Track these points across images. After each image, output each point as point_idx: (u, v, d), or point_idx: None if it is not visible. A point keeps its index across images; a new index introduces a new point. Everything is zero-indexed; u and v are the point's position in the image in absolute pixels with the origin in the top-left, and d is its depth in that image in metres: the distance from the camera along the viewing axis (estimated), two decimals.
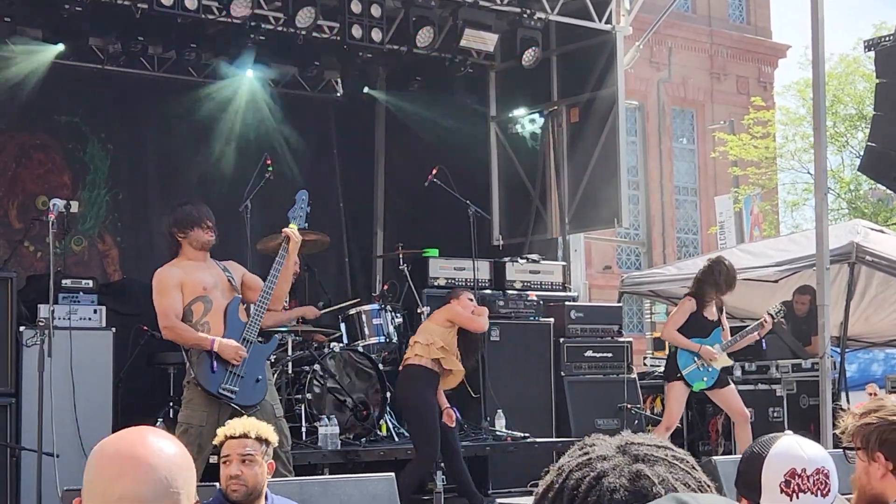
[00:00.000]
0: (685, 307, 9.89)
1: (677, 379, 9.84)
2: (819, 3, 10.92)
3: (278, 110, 13.56)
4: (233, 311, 7.42)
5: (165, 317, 7.29)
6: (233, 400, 7.20)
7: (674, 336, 9.83)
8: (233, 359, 7.18)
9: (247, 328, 7.38)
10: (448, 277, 11.53)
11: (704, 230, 33.12)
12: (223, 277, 7.46)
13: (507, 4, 12.12)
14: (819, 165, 11.18)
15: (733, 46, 35.31)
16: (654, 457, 1.71)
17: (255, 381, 7.32)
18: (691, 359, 9.78)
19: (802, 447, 3.11)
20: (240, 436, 5.46)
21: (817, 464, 3.06)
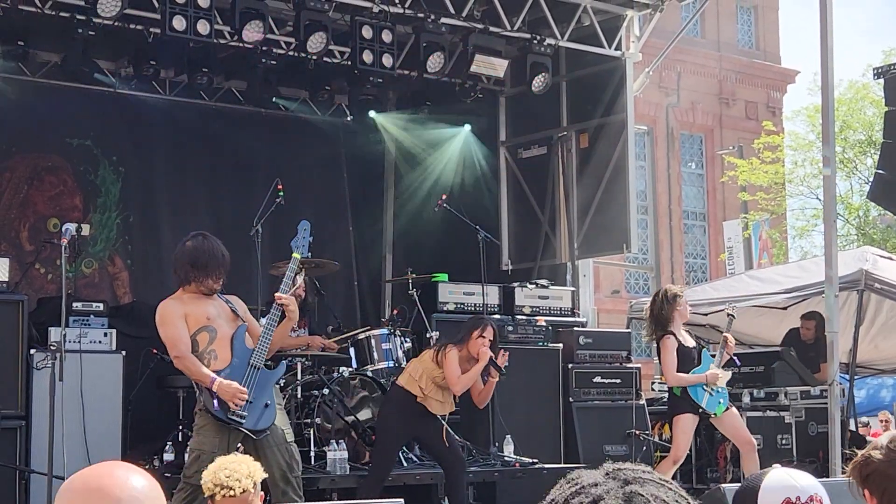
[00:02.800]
0: (668, 346, 9.75)
1: (687, 412, 9.77)
2: (828, 29, 10.95)
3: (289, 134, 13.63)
4: (240, 337, 7.41)
5: (175, 347, 7.28)
6: (242, 425, 7.19)
7: (679, 378, 9.75)
8: (231, 401, 7.15)
9: (254, 354, 7.37)
10: (457, 302, 11.55)
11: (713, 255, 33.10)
12: (226, 308, 7.45)
13: (518, 30, 12.18)
14: (829, 193, 11.19)
15: (742, 71, 35.35)
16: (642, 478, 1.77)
17: (264, 406, 7.31)
18: (701, 390, 9.74)
19: (794, 477, 3.17)
20: (241, 493, 5.27)
21: (810, 491, 3.11)
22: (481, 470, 9.96)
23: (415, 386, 8.74)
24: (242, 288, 8.56)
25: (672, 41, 13.87)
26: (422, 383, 8.74)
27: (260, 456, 7.34)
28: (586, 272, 13.38)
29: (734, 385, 12.36)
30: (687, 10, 22.01)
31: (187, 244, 7.49)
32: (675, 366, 9.71)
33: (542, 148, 13.50)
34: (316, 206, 13.72)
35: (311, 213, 13.20)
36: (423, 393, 8.70)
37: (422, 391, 8.71)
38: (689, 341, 9.95)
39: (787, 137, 29.04)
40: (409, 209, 14.02)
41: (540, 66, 12.27)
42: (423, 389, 8.71)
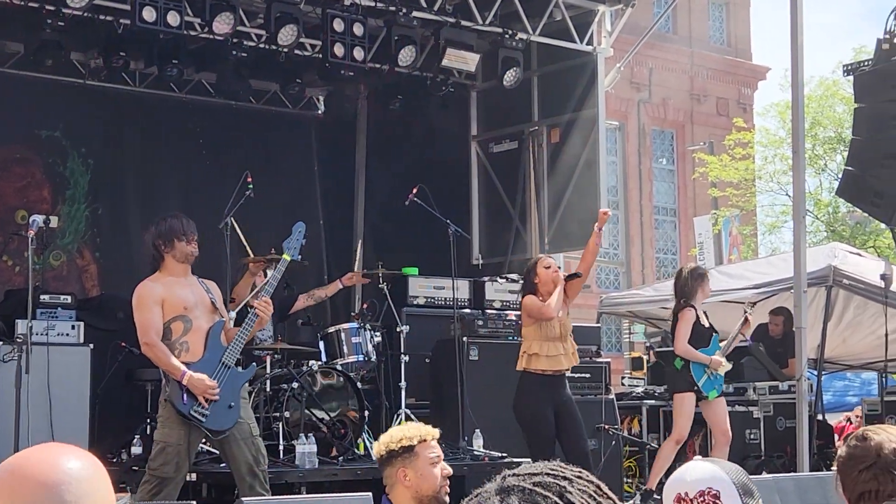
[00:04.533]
0: (687, 317, 9.88)
1: (687, 390, 9.85)
2: (799, 27, 10.99)
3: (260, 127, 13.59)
4: (216, 333, 7.37)
5: (145, 333, 7.22)
6: (203, 423, 7.16)
7: (688, 350, 9.85)
8: (201, 395, 7.12)
9: (227, 353, 7.33)
10: (427, 296, 11.56)
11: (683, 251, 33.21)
12: (205, 298, 7.40)
13: (489, 25, 12.18)
14: (797, 189, 11.24)
15: (714, 68, 35.49)
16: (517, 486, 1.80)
17: (228, 406, 7.26)
18: (702, 370, 9.83)
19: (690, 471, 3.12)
20: (434, 437, 5.17)
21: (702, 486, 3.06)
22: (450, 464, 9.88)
23: (527, 360, 8.87)
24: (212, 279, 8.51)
25: (643, 37, 13.89)
26: (533, 350, 8.84)
27: (226, 450, 7.33)
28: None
29: None
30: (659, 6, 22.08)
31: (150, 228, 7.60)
32: (687, 337, 9.85)
33: (513, 142, 13.51)
34: (286, 199, 13.68)
35: (282, 207, 13.22)
36: (538, 355, 8.80)
37: (536, 357, 8.81)
38: (705, 321, 10.05)
39: (758, 134, 29.15)
40: (381, 202, 14.00)
41: (511, 60, 12.28)
42: (536, 355, 8.81)
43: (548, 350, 8.85)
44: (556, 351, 8.87)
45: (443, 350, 10.92)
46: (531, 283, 9.03)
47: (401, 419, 10.43)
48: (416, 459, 4.89)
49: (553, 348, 8.86)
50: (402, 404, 10.51)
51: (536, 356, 8.83)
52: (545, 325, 8.86)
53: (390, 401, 10.72)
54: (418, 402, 10.89)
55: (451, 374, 10.56)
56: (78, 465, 1.75)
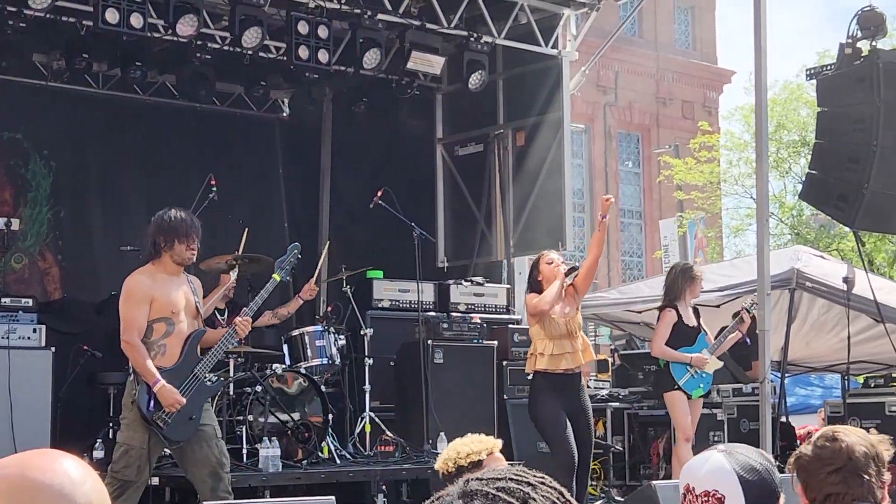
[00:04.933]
0: (667, 319, 9.92)
1: (674, 389, 9.89)
2: (762, 31, 11.04)
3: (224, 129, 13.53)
4: (194, 342, 7.33)
5: (128, 330, 7.13)
6: (162, 431, 7.14)
7: (664, 350, 9.88)
8: (168, 407, 7.09)
9: (200, 364, 7.31)
10: (392, 299, 11.54)
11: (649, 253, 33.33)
12: (192, 302, 7.35)
13: (455, 28, 12.17)
14: (761, 192, 11.29)
15: (679, 71, 35.64)
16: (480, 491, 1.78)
17: (189, 418, 7.23)
18: (684, 369, 9.84)
19: (704, 464, 3.05)
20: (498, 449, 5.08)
21: (707, 486, 3.00)
22: (414, 467, 9.94)
23: (537, 360, 8.72)
24: None
25: (608, 41, 13.92)
26: (537, 350, 8.70)
27: (188, 453, 7.29)
28: (522, 270, 13.38)
29: None
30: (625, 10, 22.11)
31: (155, 216, 7.40)
32: (665, 338, 9.86)
33: (478, 145, 13.52)
34: (251, 202, 13.64)
35: (246, 209, 13.20)
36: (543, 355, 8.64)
37: (541, 356, 8.66)
38: (691, 320, 10.04)
39: (723, 137, 29.27)
40: (345, 205, 13.97)
41: (477, 63, 12.28)
42: (541, 355, 8.66)
43: (552, 349, 8.68)
44: (561, 349, 8.69)
45: (407, 353, 10.91)
46: (535, 280, 8.89)
47: (365, 422, 10.43)
48: None
49: (557, 346, 8.69)
50: (366, 407, 10.50)
51: (541, 355, 8.70)
52: (549, 322, 8.70)
53: (354, 404, 10.70)
54: (383, 405, 10.88)
55: (415, 377, 10.56)
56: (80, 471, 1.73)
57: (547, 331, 8.69)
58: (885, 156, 10.08)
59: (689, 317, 10.05)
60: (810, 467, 3.38)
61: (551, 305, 8.65)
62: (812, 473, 3.37)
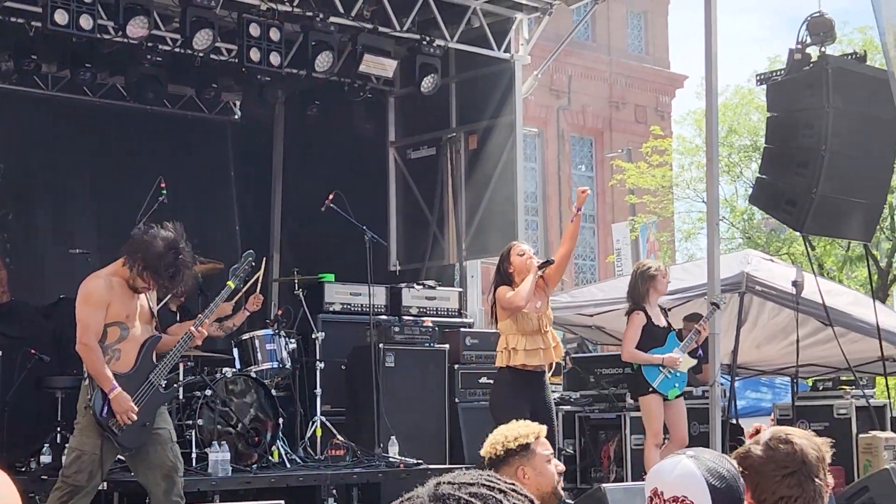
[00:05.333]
0: (635, 322, 9.84)
1: (649, 393, 9.87)
2: (713, 36, 11.11)
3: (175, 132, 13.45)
4: (150, 347, 7.28)
5: (85, 333, 7.05)
6: (116, 437, 7.09)
7: (633, 353, 9.84)
8: (120, 415, 7.03)
9: (155, 371, 7.27)
10: (344, 303, 11.52)
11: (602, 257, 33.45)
12: (146, 306, 7.30)
13: (407, 31, 12.17)
14: (711, 196, 11.36)
15: (632, 75, 35.80)
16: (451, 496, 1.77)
17: (143, 424, 7.19)
18: (657, 370, 9.81)
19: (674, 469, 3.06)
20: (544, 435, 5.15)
21: (676, 491, 3.00)
22: (365, 471, 9.93)
23: (506, 356, 8.42)
24: None
25: (560, 45, 13.96)
26: (509, 345, 8.40)
27: (141, 457, 7.24)
28: (474, 273, 13.41)
29: (618, 385, 12.51)
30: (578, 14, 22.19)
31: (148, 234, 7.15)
32: (635, 342, 9.80)
33: (431, 149, 13.51)
34: (202, 204, 13.57)
35: (197, 212, 13.11)
36: (516, 350, 8.35)
37: (514, 351, 8.36)
38: (661, 321, 9.99)
39: (675, 141, 29.41)
40: (297, 208, 13.93)
41: (429, 66, 12.28)
42: (514, 350, 8.36)
43: (525, 344, 8.39)
44: (535, 345, 8.42)
45: (359, 357, 10.89)
46: (505, 272, 8.52)
47: (315, 426, 10.39)
48: (534, 457, 4.96)
49: (531, 342, 8.40)
50: (317, 411, 10.48)
51: (514, 351, 8.39)
52: (522, 317, 8.40)
53: (305, 408, 10.68)
54: (334, 408, 10.85)
55: (366, 380, 10.53)
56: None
57: (519, 326, 8.40)
58: (834, 161, 10.17)
59: (658, 317, 9.99)
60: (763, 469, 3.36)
61: (528, 301, 8.34)
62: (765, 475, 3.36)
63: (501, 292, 8.42)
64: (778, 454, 3.36)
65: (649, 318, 9.86)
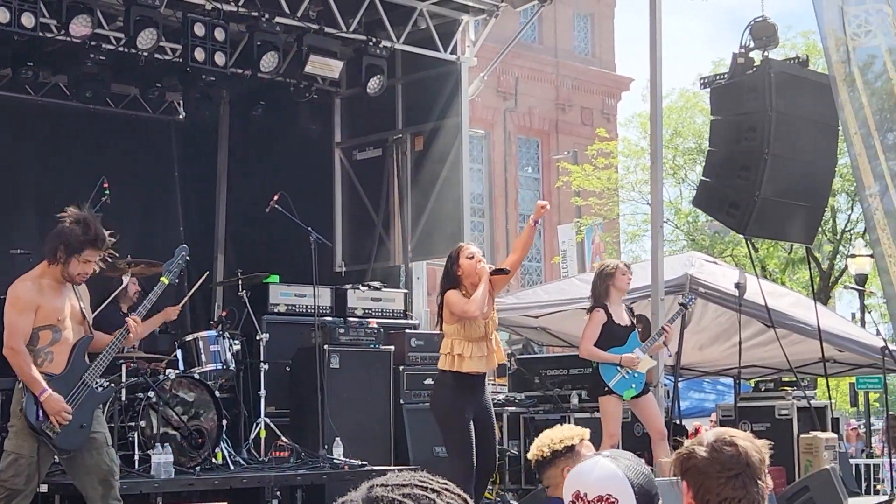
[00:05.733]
0: (593, 319, 9.76)
1: (606, 393, 9.80)
2: (658, 39, 11.20)
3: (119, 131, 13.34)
4: (81, 348, 7.22)
5: (13, 337, 7.00)
6: (52, 440, 7.02)
7: (591, 351, 9.75)
8: (54, 417, 6.96)
9: (89, 371, 7.21)
10: (288, 304, 11.47)
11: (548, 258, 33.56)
12: (77, 309, 7.23)
13: (353, 32, 12.15)
14: (655, 198, 11.44)
15: (578, 78, 35.95)
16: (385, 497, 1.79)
17: (80, 426, 7.12)
18: (614, 369, 9.73)
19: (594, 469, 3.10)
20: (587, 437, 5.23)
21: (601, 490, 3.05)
22: (309, 473, 9.89)
23: (450, 361, 8.29)
24: None
25: (506, 47, 13.99)
26: (455, 350, 8.25)
27: (78, 461, 7.18)
28: (420, 275, 13.40)
29: (562, 387, 12.56)
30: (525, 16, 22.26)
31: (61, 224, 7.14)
32: (593, 340, 9.73)
33: (376, 150, 13.49)
34: (145, 205, 13.48)
35: (141, 213, 13.04)
36: (462, 357, 8.22)
37: (460, 358, 8.23)
38: (623, 319, 9.90)
39: (621, 144, 29.58)
40: (242, 209, 13.87)
41: (375, 68, 12.26)
42: (460, 357, 8.23)
43: (471, 351, 8.27)
44: (481, 352, 8.30)
45: (303, 358, 10.86)
46: (454, 275, 8.32)
47: (260, 428, 10.35)
48: (578, 458, 4.92)
49: (477, 349, 8.28)
50: (261, 413, 10.43)
51: (460, 357, 8.26)
52: (470, 323, 8.26)
53: (249, 410, 10.63)
54: (278, 410, 10.81)
55: (311, 382, 10.50)
56: None
57: (467, 332, 8.28)
58: (776, 164, 10.27)
59: (621, 316, 9.90)
60: (707, 470, 3.37)
61: (481, 310, 8.21)
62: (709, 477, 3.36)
63: (452, 297, 8.26)
64: (723, 456, 3.38)
65: (610, 316, 9.79)
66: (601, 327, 9.77)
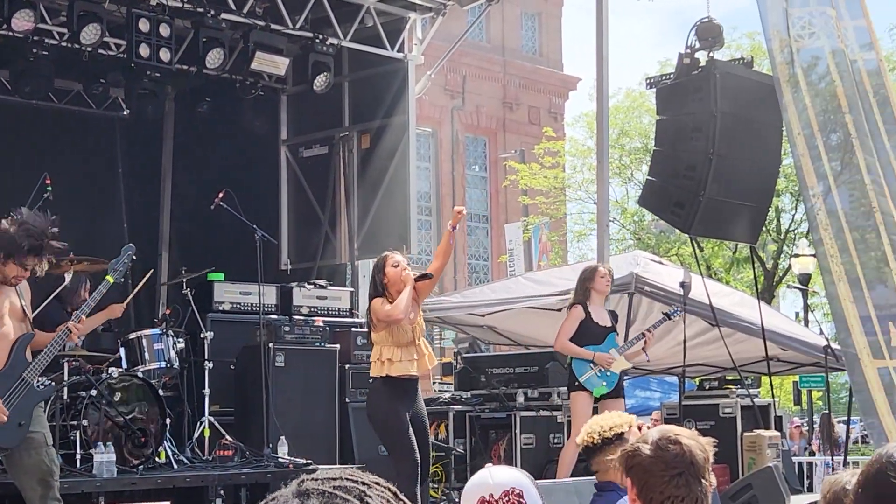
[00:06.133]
0: (573, 315, 9.93)
1: (577, 389, 9.89)
2: (604, 39, 11.24)
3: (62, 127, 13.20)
4: (22, 345, 7.13)
5: None
6: None
7: (565, 345, 9.88)
8: None
9: (29, 368, 7.13)
10: (233, 302, 11.41)
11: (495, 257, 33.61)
12: (17, 305, 7.14)
13: (300, 29, 12.11)
14: (602, 197, 11.49)
15: (526, 77, 36.04)
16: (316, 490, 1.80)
17: (18, 424, 7.04)
18: (587, 366, 9.83)
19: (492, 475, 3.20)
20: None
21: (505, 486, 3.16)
22: (254, 471, 9.84)
23: (380, 366, 8.40)
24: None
25: (454, 45, 13.99)
26: (384, 356, 8.38)
27: (16, 460, 7.10)
28: (366, 273, 13.32)
29: (509, 385, 12.57)
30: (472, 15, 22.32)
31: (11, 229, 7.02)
32: (569, 335, 9.87)
33: (323, 147, 13.46)
34: (88, 202, 13.32)
35: (84, 210, 12.89)
36: (392, 361, 8.34)
37: (389, 363, 8.35)
38: (603, 320, 10.04)
39: (568, 143, 29.67)
40: (187, 206, 13.77)
41: (322, 65, 12.23)
42: (389, 361, 8.35)
43: (400, 356, 8.42)
44: (409, 356, 8.45)
45: (248, 356, 10.81)
46: (380, 283, 8.50)
47: (204, 427, 10.29)
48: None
49: (406, 353, 8.43)
50: (205, 411, 10.37)
51: (390, 362, 8.39)
52: (396, 329, 8.40)
53: (193, 408, 10.57)
54: (222, 409, 10.75)
55: (256, 380, 10.45)
56: None
57: (395, 337, 8.42)
58: (721, 164, 10.33)
59: (602, 316, 10.06)
60: (652, 468, 3.40)
61: (405, 314, 8.35)
62: (653, 475, 3.40)
63: (377, 305, 8.41)
64: (667, 454, 3.41)
65: (589, 314, 9.94)
66: (579, 324, 9.93)
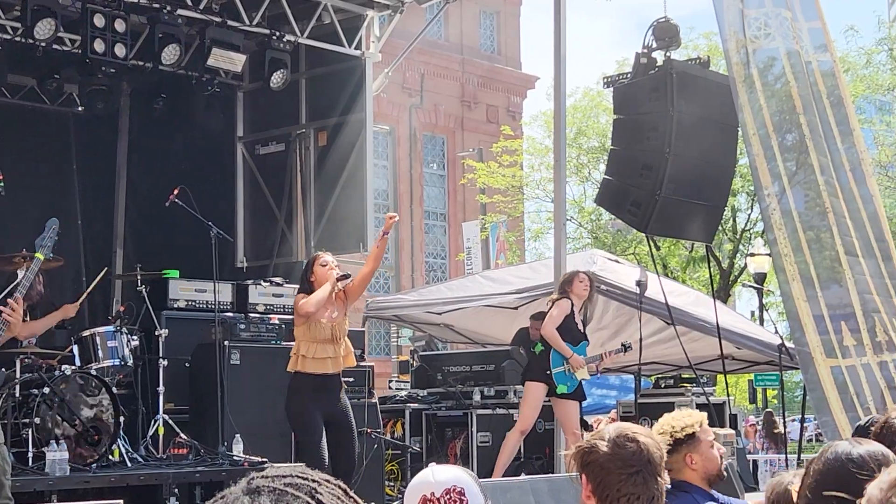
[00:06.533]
0: (562, 306, 10.12)
1: (539, 380, 10.04)
2: (562, 38, 11.25)
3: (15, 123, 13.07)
4: None
5: None
6: None
7: (553, 333, 10.08)
8: None
9: None
10: (188, 299, 11.34)
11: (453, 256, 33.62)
12: None
13: (257, 25, 12.06)
14: (559, 196, 11.50)
15: (484, 75, 36.06)
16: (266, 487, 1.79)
17: None
18: (561, 361, 10.02)
19: (433, 474, 3.20)
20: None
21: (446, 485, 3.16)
22: (208, 470, 9.77)
23: (298, 361, 8.56)
24: None
25: (411, 43, 13.98)
26: (303, 352, 8.54)
27: None
28: None
29: (465, 383, 12.57)
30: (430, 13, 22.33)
31: None
32: (557, 323, 10.06)
33: (280, 145, 13.40)
34: (42, 198, 13.21)
35: (37, 206, 12.76)
36: (306, 357, 8.50)
37: (304, 358, 8.51)
38: (580, 324, 10.32)
39: (525, 142, 29.71)
40: (142, 203, 13.68)
41: (279, 62, 12.19)
42: (304, 357, 8.52)
43: (315, 352, 8.57)
44: (325, 353, 8.59)
45: (203, 354, 10.74)
46: (307, 281, 8.74)
47: (158, 425, 10.22)
48: (700, 444, 5.12)
49: (321, 350, 8.58)
50: (159, 409, 10.30)
51: (304, 358, 8.58)
52: (315, 325, 8.56)
53: (147, 406, 10.49)
54: (177, 406, 10.67)
55: (211, 378, 10.40)
56: None
57: (312, 333, 8.58)
58: (678, 164, 10.37)
59: (579, 320, 10.32)
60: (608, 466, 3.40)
61: (317, 308, 8.52)
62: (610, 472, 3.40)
63: (297, 299, 8.67)
64: (625, 452, 3.41)
65: (573, 311, 10.15)
66: (564, 317, 10.12)
